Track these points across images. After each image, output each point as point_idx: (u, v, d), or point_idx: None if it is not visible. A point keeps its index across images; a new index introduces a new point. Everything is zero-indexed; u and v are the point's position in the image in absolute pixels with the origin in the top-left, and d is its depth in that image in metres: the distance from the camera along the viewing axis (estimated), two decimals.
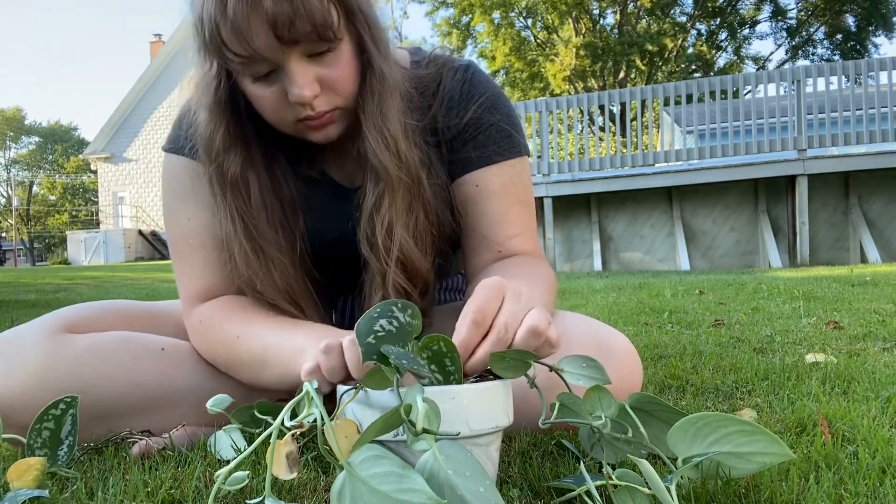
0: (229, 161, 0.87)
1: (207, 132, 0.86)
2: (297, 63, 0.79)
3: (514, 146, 0.99)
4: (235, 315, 0.91)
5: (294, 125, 0.86)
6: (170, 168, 0.98)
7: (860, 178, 6.39)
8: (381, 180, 0.88)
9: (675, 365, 1.43)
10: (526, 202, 1.00)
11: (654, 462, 0.75)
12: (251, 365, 0.88)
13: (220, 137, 0.86)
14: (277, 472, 0.57)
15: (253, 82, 0.82)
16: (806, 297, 2.80)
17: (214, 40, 0.77)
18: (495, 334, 0.64)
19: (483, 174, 0.97)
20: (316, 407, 0.59)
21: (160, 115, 22.30)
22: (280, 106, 0.83)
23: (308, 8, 0.75)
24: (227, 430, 0.86)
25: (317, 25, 0.77)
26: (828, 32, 22.64)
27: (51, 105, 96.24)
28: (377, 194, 0.89)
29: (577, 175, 6.93)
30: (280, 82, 0.81)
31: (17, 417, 0.84)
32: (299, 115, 0.84)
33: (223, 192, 0.89)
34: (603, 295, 3.49)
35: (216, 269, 0.94)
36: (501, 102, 0.99)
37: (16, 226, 35.19)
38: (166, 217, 0.99)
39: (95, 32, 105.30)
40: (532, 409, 0.83)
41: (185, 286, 0.96)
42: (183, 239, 0.96)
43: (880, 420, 0.93)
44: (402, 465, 0.53)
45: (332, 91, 0.84)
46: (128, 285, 6.89)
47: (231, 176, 0.88)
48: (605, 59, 21.52)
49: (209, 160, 0.88)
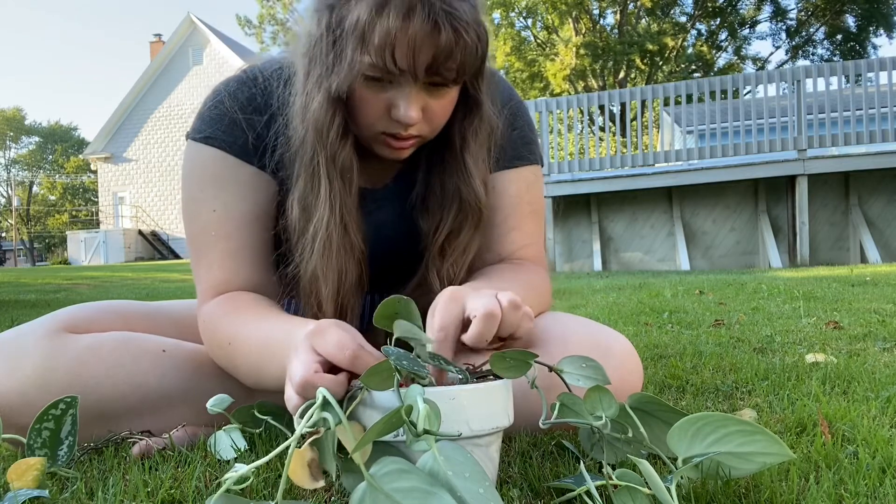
0: (343, 150, 0.88)
1: (325, 117, 0.85)
2: (418, 88, 0.82)
3: (532, 154, 1.03)
4: (230, 317, 0.89)
5: (377, 135, 0.87)
6: (198, 158, 0.94)
7: (860, 178, 6.39)
8: (462, 212, 0.93)
9: (675, 365, 1.43)
10: (537, 212, 1.04)
11: (654, 462, 0.75)
12: (245, 373, 0.87)
13: (336, 125, 0.86)
14: (301, 482, 0.57)
15: (367, 83, 0.82)
16: (806, 297, 2.80)
17: (382, 46, 0.77)
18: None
19: (502, 178, 1.00)
20: (331, 412, 0.58)
21: (160, 115, 22.30)
22: (379, 114, 0.85)
23: (465, 53, 0.79)
24: (227, 430, 0.86)
25: (462, 70, 0.81)
26: (828, 33, 22.65)
27: (51, 105, 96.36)
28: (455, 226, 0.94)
29: (577, 175, 6.93)
30: (390, 93, 0.83)
31: (17, 417, 0.84)
32: (389, 130, 0.86)
33: (330, 178, 0.88)
34: (603, 295, 3.49)
35: (236, 263, 0.93)
36: (524, 109, 1.04)
37: (16, 226, 35.20)
38: (187, 210, 0.96)
39: (96, 32, 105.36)
40: (532, 410, 0.83)
41: (202, 280, 0.94)
42: (204, 232, 0.93)
43: (880, 420, 0.93)
44: (430, 482, 0.51)
45: (428, 121, 0.86)
46: (128, 285, 6.89)
47: (343, 163, 0.88)
48: (605, 59, 21.53)
49: (322, 145, 0.87)
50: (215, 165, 0.93)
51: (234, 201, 0.93)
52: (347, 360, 0.65)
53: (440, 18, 0.76)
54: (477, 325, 0.68)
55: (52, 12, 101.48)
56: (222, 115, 0.93)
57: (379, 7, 0.77)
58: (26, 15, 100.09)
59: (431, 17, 0.76)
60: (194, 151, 0.94)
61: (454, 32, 0.77)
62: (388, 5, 0.77)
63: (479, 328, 0.68)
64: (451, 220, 0.93)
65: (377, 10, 0.77)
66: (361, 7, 0.78)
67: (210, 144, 0.93)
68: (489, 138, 0.94)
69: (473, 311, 0.69)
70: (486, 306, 0.69)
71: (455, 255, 0.94)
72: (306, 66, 0.85)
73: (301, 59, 0.86)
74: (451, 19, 0.77)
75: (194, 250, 0.95)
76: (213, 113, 0.94)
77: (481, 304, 0.69)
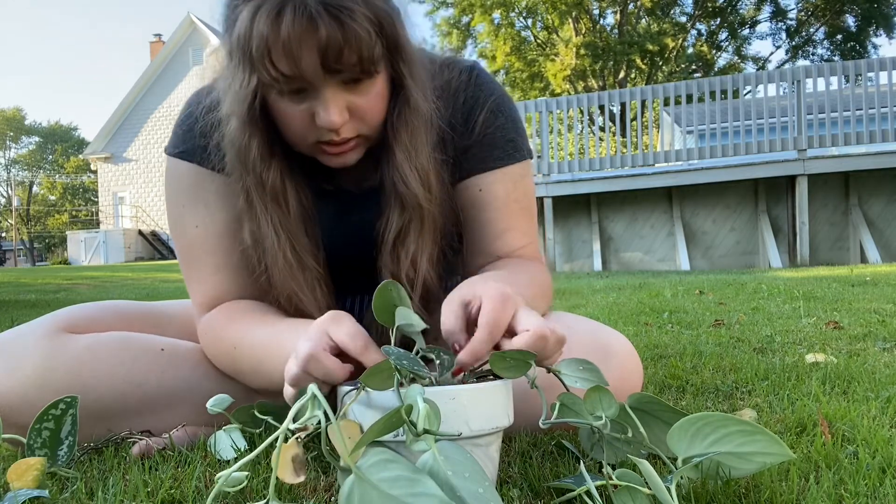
0: (269, 172, 0.85)
1: (243, 142, 0.84)
2: (333, 89, 0.79)
3: (517, 150, 0.99)
4: (233, 322, 0.90)
5: (313, 146, 0.85)
6: (175, 173, 0.96)
7: (860, 178, 6.39)
8: (406, 211, 0.88)
9: (675, 365, 1.43)
10: (528, 208, 1.01)
11: (654, 462, 0.75)
12: (251, 373, 0.88)
13: (256, 148, 0.84)
14: (284, 476, 0.57)
15: (281, 97, 0.81)
16: (806, 297, 2.80)
17: (260, 56, 0.75)
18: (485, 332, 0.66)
19: (486, 178, 0.97)
20: (319, 409, 0.59)
21: (160, 115, 22.31)
22: (304, 125, 0.82)
23: (358, 40, 0.75)
24: (227, 430, 0.86)
25: (363, 58, 0.76)
26: (828, 33, 22.64)
27: (51, 105, 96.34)
28: (402, 225, 0.89)
29: (577, 175, 6.93)
30: (309, 102, 0.80)
31: (17, 417, 0.84)
32: (322, 138, 0.83)
33: (263, 203, 0.87)
34: (603, 295, 3.49)
35: (225, 277, 0.94)
36: (506, 105, 0.99)
37: (16, 226, 35.19)
38: (172, 226, 0.97)
39: (95, 32, 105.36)
40: (532, 410, 0.83)
41: (195, 294, 0.96)
42: (190, 248, 0.95)
43: (880, 420, 0.93)
44: (413, 469, 0.52)
45: (360, 120, 0.83)
46: (128, 285, 6.89)
47: (271, 187, 0.86)
48: (606, 59, 21.53)
49: (246, 170, 0.86)
50: (191, 179, 0.94)
51: (213, 214, 0.93)
52: (359, 350, 0.66)
53: (315, 12, 0.72)
54: (524, 341, 0.66)
55: (51, 12, 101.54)
56: (192, 128, 0.93)
57: (251, 16, 0.74)
58: (26, 14, 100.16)
59: (304, 14, 0.72)
60: (172, 167, 0.96)
61: (336, 22, 0.73)
62: (258, 11, 0.74)
63: (527, 344, 0.65)
64: (397, 218, 0.89)
65: (251, 20, 0.74)
66: (242, 20, 0.75)
67: (183, 159, 0.94)
68: (425, 123, 0.88)
69: (526, 325, 0.67)
70: (539, 327, 0.66)
71: (409, 258, 0.90)
72: (223, 91, 0.84)
73: (221, 84, 0.85)
74: (330, 9, 0.73)
75: (184, 265, 0.97)
76: (184, 127, 0.95)
77: (535, 322, 0.66)
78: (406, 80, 0.85)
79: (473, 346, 0.66)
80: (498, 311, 0.67)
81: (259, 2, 0.74)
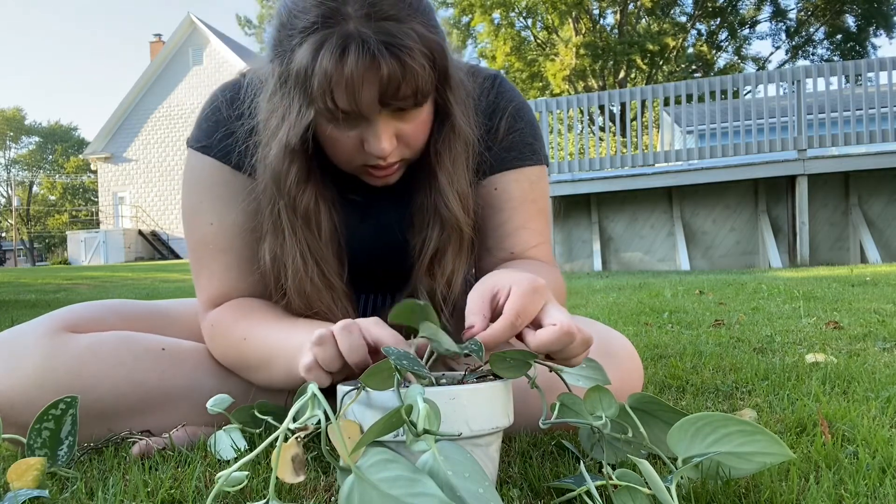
0: (303, 196, 0.86)
1: (283, 168, 0.84)
2: (384, 119, 0.81)
3: (534, 154, 1.01)
4: (244, 318, 0.91)
5: (359, 168, 0.87)
6: (196, 168, 0.95)
7: (860, 178, 6.39)
8: (445, 232, 0.91)
9: (675, 365, 1.43)
10: (543, 210, 1.03)
11: (654, 462, 0.75)
12: (258, 367, 0.88)
13: (294, 174, 0.85)
14: (283, 476, 0.57)
15: (331, 123, 0.81)
16: (806, 297, 2.80)
17: (322, 92, 0.76)
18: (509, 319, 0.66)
19: (503, 178, 0.99)
20: (319, 409, 0.59)
21: (160, 115, 22.31)
22: (353, 150, 0.84)
23: (415, 76, 0.76)
24: (227, 430, 0.86)
25: (417, 92, 0.78)
26: (828, 33, 22.65)
27: (51, 105, 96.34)
28: (439, 246, 0.91)
29: (577, 175, 6.93)
30: (359, 129, 0.82)
31: (17, 417, 0.84)
32: (368, 162, 0.85)
33: (293, 225, 0.87)
34: (603, 295, 3.49)
35: (236, 275, 0.94)
36: (526, 112, 1.02)
37: (16, 226, 35.20)
38: (187, 219, 0.97)
39: (95, 32, 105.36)
40: (532, 410, 0.83)
41: (203, 289, 0.96)
42: (203, 244, 0.95)
43: (880, 420, 0.94)
44: (413, 469, 0.52)
45: (406, 145, 0.85)
46: (128, 285, 6.89)
47: (304, 210, 0.87)
48: (605, 59, 21.54)
49: (280, 193, 0.86)
50: (212, 176, 0.94)
51: (230, 213, 0.93)
52: (397, 340, 0.68)
53: (378, 51, 0.74)
54: (550, 335, 0.65)
55: (51, 12, 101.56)
56: (218, 123, 0.93)
57: (315, 52, 0.75)
58: (26, 14, 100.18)
59: (367, 53, 0.74)
60: (193, 160, 0.96)
61: (397, 61, 0.75)
62: (322, 48, 0.75)
63: (552, 338, 0.65)
64: (436, 238, 0.91)
65: (313, 55, 0.75)
66: (302, 54, 0.76)
67: (206, 153, 0.94)
68: (467, 149, 0.91)
69: (553, 320, 0.66)
70: (567, 324, 0.65)
71: (445, 277, 0.92)
72: (267, 113, 0.85)
73: (265, 105, 0.85)
74: (392, 49, 0.74)
75: (195, 261, 0.97)
76: (210, 121, 0.95)
77: (563, 318, 0.66)
78: (452, 106, 0.87)
79: (494, 329, 0.66)
80: (527, 300, 0.67)
81: (321, 38, 0.75)
